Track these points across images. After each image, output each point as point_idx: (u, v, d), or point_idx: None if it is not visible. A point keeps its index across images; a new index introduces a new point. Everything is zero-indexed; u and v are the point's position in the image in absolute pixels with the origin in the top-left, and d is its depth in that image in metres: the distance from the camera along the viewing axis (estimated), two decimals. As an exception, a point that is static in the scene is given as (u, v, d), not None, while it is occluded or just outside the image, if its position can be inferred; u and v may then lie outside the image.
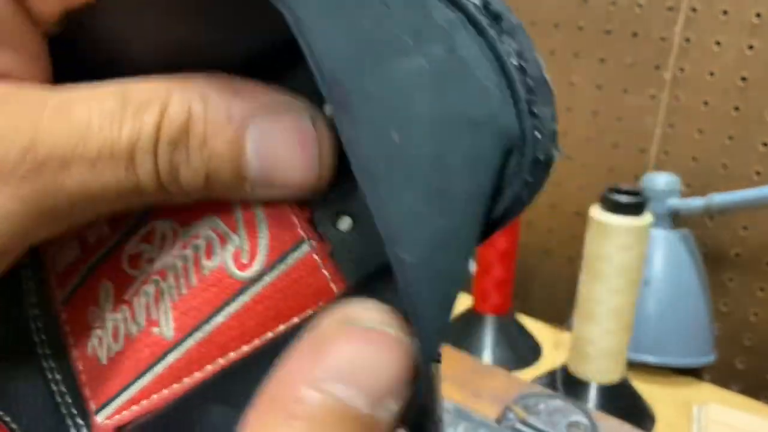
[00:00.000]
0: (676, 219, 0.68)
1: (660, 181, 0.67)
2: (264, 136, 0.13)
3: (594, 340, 0.61)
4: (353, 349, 0.12)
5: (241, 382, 0.14)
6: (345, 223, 0.14)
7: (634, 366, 0.67)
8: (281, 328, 0.14)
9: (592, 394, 0.61)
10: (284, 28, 0.12)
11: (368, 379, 0.12)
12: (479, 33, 0.13)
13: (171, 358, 0.15)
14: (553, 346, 0.75)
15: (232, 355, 0.14)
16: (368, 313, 0.12)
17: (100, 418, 0.15)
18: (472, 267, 0.15)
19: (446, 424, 0.49)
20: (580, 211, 0.78)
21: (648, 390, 0.66)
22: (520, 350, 0.72)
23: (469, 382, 0.55)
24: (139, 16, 0.14)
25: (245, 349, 0.14)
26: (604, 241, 0.57)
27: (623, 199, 0.57)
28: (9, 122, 0.12)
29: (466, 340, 0.72)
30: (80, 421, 0.15)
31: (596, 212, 0.58)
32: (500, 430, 0.48)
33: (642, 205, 0.57)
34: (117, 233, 0.16)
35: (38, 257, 0.17)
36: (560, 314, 0.82)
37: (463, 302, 0.79)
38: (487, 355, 0.71)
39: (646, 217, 0.57)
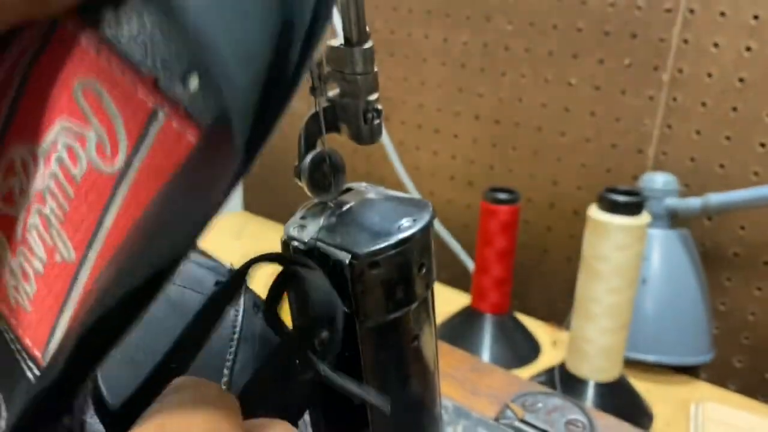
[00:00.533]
0: (674, 219, 0.68)
1: (658, 181, 0.67)
2: None
3: (592, 338, 0.61)
4: None
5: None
6: (193, 83, 0.14)
7: (631, 364, 0.67)
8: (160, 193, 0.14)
9: (590, 393, 0.62)
10: None
11: None
12: None
13: (83, 278, 0.14)
14: (552, 344, 0.75)
15: None
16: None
17: (45, 362, 0.15)
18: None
19: (445, 422, 0.49)
20: (578, 211, 0.78)
21: (645, 388, 0.66)
22: (519, 349, 0.73)
23: (467, 381, 0.56)
24: None
25: None
26: (602, 241, 0.58)
27: (621, 199, 0.57)
28: None
29: (465, 338, 0.73)
30: (32, 365, 0.15)
31: (594, 212, 0.59)
32: (499, 428, 0.49)
33: (640, 205, 0.58)
34: None
35: None
36: (558, 313, 0.82)
37: (462, 301, 0.80)
38: (486, 354, 0.71)
39: (644, 217, 0.58)
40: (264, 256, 0.22)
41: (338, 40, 0.28)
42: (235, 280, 0.21)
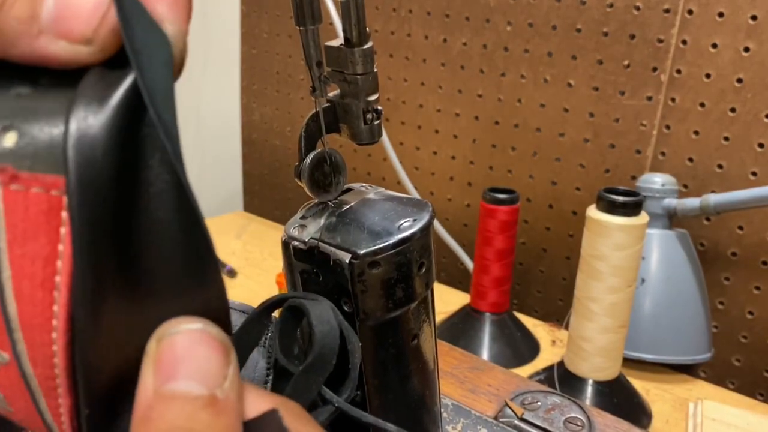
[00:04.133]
0: (672, 219, 0.68)
1: (657, 181, 0.67)
2: None
3: (591, 337, 0.61)
4: (172, 352, 0.15)
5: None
6: (10, 140, 0.14)
7: (630, 363, 0.68)
8: (56, 265, 0.14)
9: (589, 391, 0.62)
10: None
11: (196, 371, 0.15)
12: None
13: (28, 369, 0.14)
14: (551, 343, 0.76)
15: (56, 323, 0.14)
16: (174, 324, 0.15)
17: None
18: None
19: (444, 420, 0.49)
20: (577, 211, 0.78)
21: (644, 387, 0.67)
22: (518, 348, 0.73)
23: (467, 379, 0.56)
24: None
25: (56, 309, 0.14)
26: (601, 241, 0.58)
27: (620, 199, 0.57)
28: None
29: (465, 337, 0.73)
30: None
31: (593, 212, 0.59)
32: (498, 427, 0.49)
33: (638, 205, 0.58)
34: None
35: None
36: (557, 312, 0.82)
37: (462, 300, 0.80)
38: (485, 353, 0.71)
39: (643, 217, 0.58)
40: (272, 303, 0.23)
41: (338, 41, 0.28)
42: (250, 324, 0.23)
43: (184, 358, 0.15)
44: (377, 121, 0.29)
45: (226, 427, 0.15)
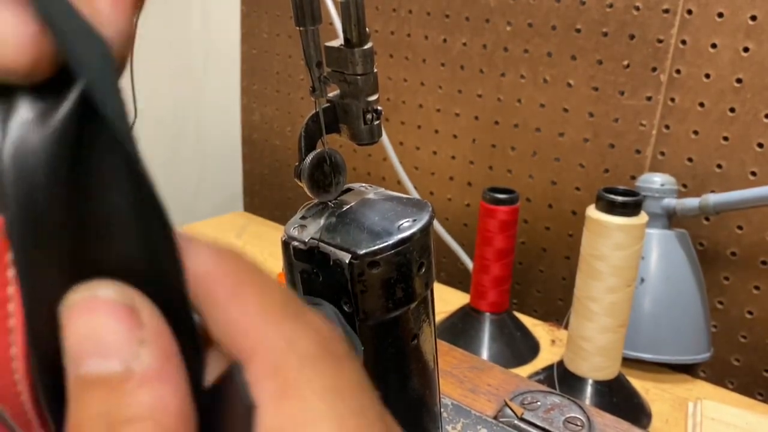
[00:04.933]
0: (672, 219, 0.69)
1: (656, 181, 0.68)
2: None
3: (590, 337, 0.61)
4: (74, 330, 0.13)
5: None
6: None
7: (630, 363, 0.68)
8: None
9: (589, 391, 0.62)
10: None
11: (100, 345, 0.13)
12: None
13: None
14: (550, 343, 0.76)
15: (15, 365, 0.14)
16: (66, 300, 0.13)
17: None
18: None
19: (444, 420, 0.49)
20: (576, 211, 0.79)
21: (644, 387, 0.67)
22: (518, 347, 0.73)
23: (467, 379, 0.56)
24: None
25: (15, 351, 0.13)
26: (601, 241, 0.58)
27: (619, 199, 0.57)
28: None
29: (464, 337, 0.73)
30: None
31: (593, 212, 0.59)
32: (498, 426, 0.49)
33: (638, 205, 0.58)
34: None
35: None
36: (557, 312, 0.82)
37: (461, 300, 0.80)
38: (485, 353, 0.71)
39: (642, 217, 0.58)
40: None
41: (338, 41, 0.28)
42: None
43: (83, 336, 0.13)
44: (377, 121, 0.29)
45: (156, 403, 0.12)
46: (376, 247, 0.26)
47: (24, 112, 0.13)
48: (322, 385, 0.13)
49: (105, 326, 0.13)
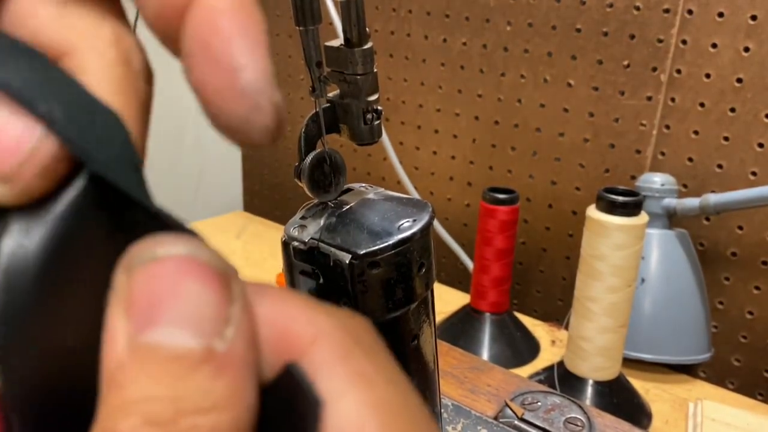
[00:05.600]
0: (672, 219, 0.68)
1: (656, 181, 0.67)
2: None
3: (591, 337, 0.61)
4: (150, 288, 0.11)
5: None
6: None
7: (630, 363, 0.68)
8: None
9: (589, 391, 0.62)
10: None
11: (184, 313, 0.11)
12: None
13: None
14: (551, 343, 0.76)
15: None
16: (148, 247, 0.11)
17: None
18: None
19: (444, 421, 0.49)
20: (577, 211, 0.78)
21: (644, 387, 0.67)
22: (518, 348, 0.73)
23: (467, 380, 0.56)
24: None
25: None
26: (601, 241, 0.58)
27: (620, 199, 0.57)
28: None
29: (464, 337, 0.73)
30: None
31: (593, 212, 0.59)
32: (498, 427, 0.49)
33: (638, 205, 0.58)
34: None
35: None
36: (557, 312, 0.82)
37: (461, 300, 0.80)
38: (485, 353, 0.71)
39: (642, 217, 0.58)
40: None
41: (338, 41, 0.28)
42: None
43: (166, 296, 0.11)
44: (377, 121, 0.29)
45: (231, 393, 0.11)
46: (376, 248, 0.25)
47: (16, 227, 0.11)
48: (386, 376, 0.12)
49: (195, 292, 0.11)
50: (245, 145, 0.13)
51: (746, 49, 0.64)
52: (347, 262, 0.25)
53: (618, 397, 0.62)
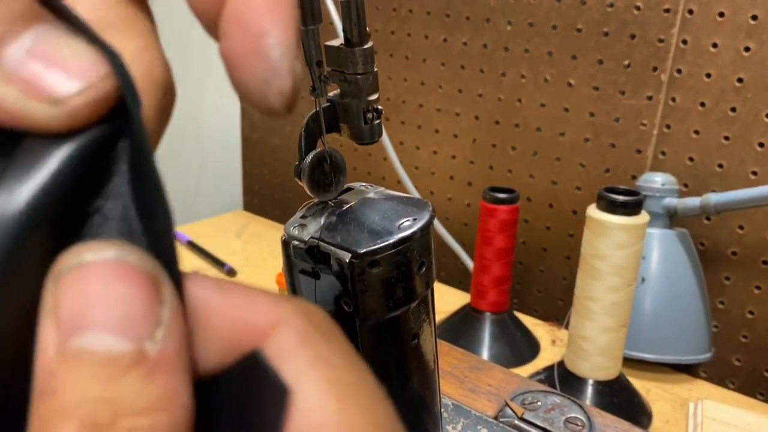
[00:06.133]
0: (673, 218, 0.68)
1: (657, 180, 0.67)
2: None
3: (591, 337, 0.61)
4: (77, 293, 0.11)
5: None
6: None
7: (630, 363, 0.68)
8: None
9: (589, 391, 0.62)
10: None
11: (112, 316, 0.11)
12: None
13: None
14: (551, 343, 0.76)
15: None
16: (74, 254, 0.11)
17: None
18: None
19: (444, 420, 0.49)
20: (577, 211, 0.78)
21: (644, 387, 0.67)
22: (518, 347, 0.73)
23: (467, 379, 0.56)
24: None
25: None
26: (601, 240, 0.58)
27: (620, 198, 0.57)
28: None
29: (465, 337, 0.73)
30: None
31: (593, 211, 0.59)
32: (498, 427, 0.49)
33: (639, 205, 0.58)
34: None
35: None
36: (558, 312, 0.82)
37: (462, 300, 0.80)
38: (486, 352, 0.71)
39: (643, 217, 0.58)
40: None
41: (339, 41, 0.28)
42: None
43: (93, 301, 0.11)
44: (377, 121, 0.29)
45: (166, 394, 0.11)
46: (377, 247, 0.25)
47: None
48: (345, 359, 0.13)
49: (123, 295, 0.11)
50: (262, 110, 0.14)
51: (747, 49, 0.64)
52: (347, 261, 0.25)
53: (618, 397, 0.62)
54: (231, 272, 0.88)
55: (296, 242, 0.27)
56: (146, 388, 0.10)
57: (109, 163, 0.12)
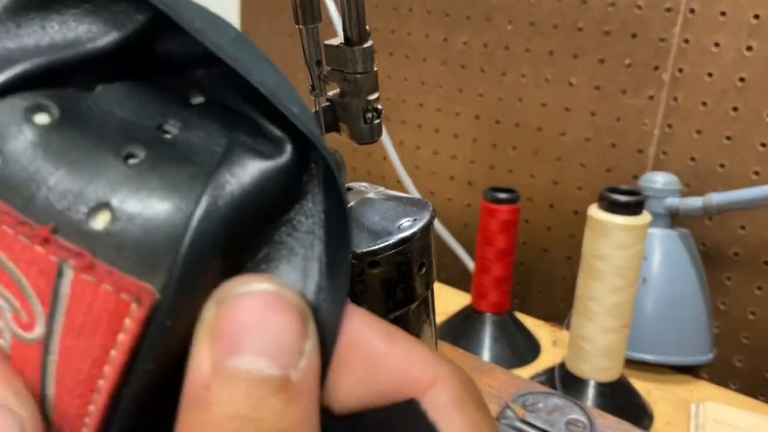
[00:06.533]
0: (674, 218, 0.68)
1: (658, 180, 0.67)
2: None
3: (592, 338, 0.61)
4: (237, 319, 0.12)
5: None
6: (101, 221, 0.12)
7: (632, 364, 0.67)
8: (107, 368, 0.12)
9: (591, 392, 0.62)
10: None
11: (267, 344, 0.12)
12: None
13: None
14: (552, 344, 0.75)
15: (88, 420, 0.13)
16: (238, 284, 0.12)
17: None
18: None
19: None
20: (578, 211, 0.78)
21: (646, 388, 0.66)
22: (519, 348, 0.73)
23: (468, 380, 0.56)
24: None
25: (92, 408, 0.13)
26: (603, 240, 0.58)
27: (621, 198, 0.57)
28: None
29: (465, 338, 0.73)
30: None
31: (594, 211, 0.59)
32: (499, 428, 0.49)
33: (640, 205, 0.58)
34: None
35: None
36: (559, 312, 0.82)
37: (462, 300, 0.80)
38: (486, 353, 0.71)
39: (644, 217, 0.58)
40: None
41: (338, 40, 0.28)
42: None
43: (251, 327, 0.12)
44: (377, 120, 0.29)
45: (300, 419, 0.12)
46: (376, 247, 0.25)
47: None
48: (491, 428, 0.14)
49: (278, 326, 0.12)
50: None
51: (749, 48, 0.64)
52: (347, 262, 0.25)
53: (620, 398, 0.62)
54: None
55: (295, 243, 0.27)
56: (287, 412, 0.12)
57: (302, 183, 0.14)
